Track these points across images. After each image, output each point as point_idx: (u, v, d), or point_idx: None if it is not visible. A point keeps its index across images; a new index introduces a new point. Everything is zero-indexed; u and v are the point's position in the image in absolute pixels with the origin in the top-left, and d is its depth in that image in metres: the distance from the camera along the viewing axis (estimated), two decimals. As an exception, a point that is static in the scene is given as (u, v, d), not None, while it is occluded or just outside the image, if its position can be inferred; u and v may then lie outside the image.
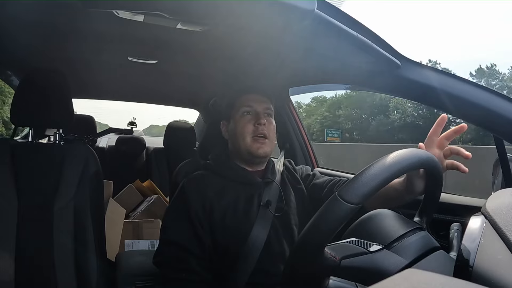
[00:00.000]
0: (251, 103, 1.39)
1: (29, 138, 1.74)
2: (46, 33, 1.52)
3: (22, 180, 1.53)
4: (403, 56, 1.18)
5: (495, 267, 0.60)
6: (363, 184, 0.74)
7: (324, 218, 0.74)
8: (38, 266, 1.49)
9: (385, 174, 0.75)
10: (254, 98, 1.40)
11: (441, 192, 0.97)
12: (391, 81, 1.23)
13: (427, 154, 0.86)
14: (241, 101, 1.40)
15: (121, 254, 1.78)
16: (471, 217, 0.72)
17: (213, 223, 1.30)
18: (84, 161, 1.61)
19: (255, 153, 1.36)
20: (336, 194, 0.74)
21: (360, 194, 0.72)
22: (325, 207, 0.75)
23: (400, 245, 0.79)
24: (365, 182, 0.74)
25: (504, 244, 0.62)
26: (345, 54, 1.26)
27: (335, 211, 0.73)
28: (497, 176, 1.17)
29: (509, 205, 0.69)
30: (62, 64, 1.88)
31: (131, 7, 1.12)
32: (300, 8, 0.98)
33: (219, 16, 1.14)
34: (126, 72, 2.23)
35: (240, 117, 1.38)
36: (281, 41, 1.35)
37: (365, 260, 0.76)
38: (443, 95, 1.11)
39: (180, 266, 1.26)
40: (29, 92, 1.57)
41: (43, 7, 1.21)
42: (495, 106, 1.04)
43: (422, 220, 0.95)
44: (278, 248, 1.31)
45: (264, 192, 1.37)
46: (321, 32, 1.11)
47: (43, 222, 1.51)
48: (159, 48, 1.70)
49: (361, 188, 0.73)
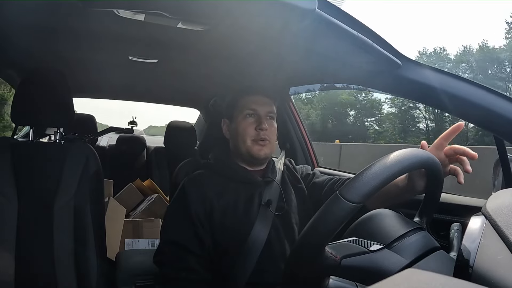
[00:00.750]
0: (254, 106, 1.38)
1: (30, 137, 1.74)
2: (46, 32, 1.52)
3: (22, 179, 1.53)
4: (403, 55, 1.18)
5: (495, 268, 0.60)
6: (364, 183, 0.74)
7: (325, 216, 0.74)
8: (38, 265, 1.49)
9: (386, 174, 0.75)
10: (258, 101, 1.39)
11: (441, 192, 0.97)
12: (392, 81, 1.23)
13: (427, 154, 0.86)
14: (245, 103, 1.39)
15: (121, 253, 1.79)
16: (471, 217, 0.72)
17: (213, 223, 1.30)
18: (84, 160, 1.62)
19: (256, 156, 1.36)
20: (337, 193, 0.74)
21: (361, 193, 0.73)
22: (326, 205, 0.75)
23: (400, 244, 0.79)
24: (366, 181, 0.74)
25: (504, 244, 0.62)
26: (346, 54, 1.26)
27: (336, 210, 0.73)
28: (497, 176, 1.17)
29: (509, 206, 0.69)
30: (63, 63, 1.89)
31: (132, 6, 1.12)
32: (301, 8, 0.98)
33: (219, 15, 1.14)
34: (126, 71, 2.23)
35: (243, 119, 1.38)
36: (282, 41, 1.34)
37: (365, 260, 0.77)
38: (444, 95, 1.11)
39: (180, 265, 1.26)
40: (30, 91, 1.57)
41: (44, 6, 1.21)
42: (495, 106, 1.04)
43: (422, 220, 0.95)
44: (278, 247, 1.31)
45: (265, 191, 1.37)
46: (321, 32, 1.11)
47: (43, 221, 1.52)
48: (160, 47, 1.69)
49: (362, 187, 0.73)
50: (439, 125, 26.73)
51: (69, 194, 1.56)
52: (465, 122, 1.18)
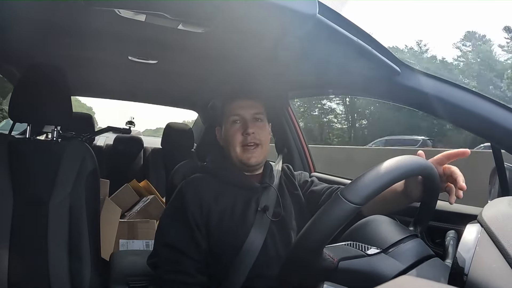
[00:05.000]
0: (238, 110, 1.37)
1: (27, 134, 1.73)
2: (47, 30, 1.51)
3: (19, 176, 1.53)
4: (403, 62, 1.18)
5: (489, 276, 0.60)
6: (366, 185, 0.75)
7: (326, 216, 0.75)
8: (31, 261, 1.49)
9: (387, 177, 0.77)
10: (241, 105, 1.38)
11: (437, 201, 0.97)
12: (391, 88, 1.24)
13: (428, 163, 0.89)
14: (230, 109, 1.39)
15: (115, 254, 1.78)
16: (467, 225, 0.72)
17: (210, 227, 1.29)
18: (81, 159, 1.61)
19: (246, 163, 1.36)
20: (339, 193, 0.75)
21: (362, 194, 0.74)
22: (327, 206, 0.76)
23: (397, 250, 0.80)
24: (367, 183, 0.75)
25: (499, 252, 0.63)
26: (345, 60, 1.26)
27: (337, 210, 0.74)
28: (493, 184, 1.17)
29: (505, 214, 0.69)
30: (62, 61, 1.88)
31: (134, 6, 1.12)
32: (302, 13, 0.98)
33: (220, 18, 1.14)
34: (126, 71, 2.22)
35: (230, 126, 1.38)
36: (282, 45, 1.34)
37: (363, 263, 0.77)
38: (442, 103, 1.12)
39: (175, 268, 1.26)
40: (29, 88, 1.56)
41: (45, 4, 1.21)
42: (493, 115, 1.05)
43: (416, 228, 0.96)
44: (274, 253, 1.30)
45: (262, 196, 1.36)
46: (321, 37, 1.12)
47: (38, 218, 1.51)
48: (160, 48, 1.69)
49: (363, 189, 0.75)
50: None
51: (65, 192, 1.56)
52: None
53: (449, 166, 1.01)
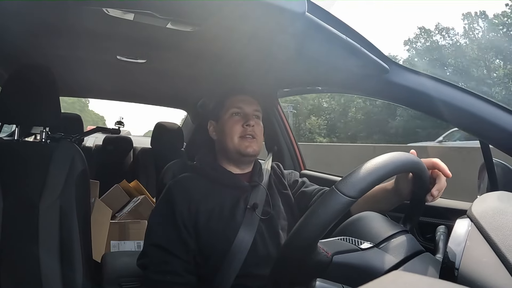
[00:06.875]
0: (241, 104, 1.40)
1: (15, 136, 1.71)
2: (34, 29, 1.49)
3: (8, 178, 1.51)
4: (391, 60, 1.19)
5: (480, 270, 0.61)
6: (361, 178, 0.76)
7: (321, 209, 0.75)
8: (22, 264, 1.47)
9: (381, 171, 0.78)
10: (244, 100, 1.41)
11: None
12: (379, 86, 1.24)
13: (419, 160, 0.91)
14: (231, 102, 1.41)
15: (107, 255, 1.77)
16: (457, 220, 0.73)
17: (198, 226, 1.29)
18: (70, 160, 1.59)
19: (244, 152, 1.35)
20: (334, 186, 0.76)
21: (357, 187, 0.75)
22: (322, 199, 0.76)
23: (388, 244, 0.81)
24: (362, 177, 0.76)
25: (489, 246, 0.63)
26: (334, 58, 1.27)
27: (332, 203, 0.74)
28: (482, 180, 1.19)
29: (494, 209, 0.70)
30: (50, 61, 1.86)
31: (122, 5, 1.12)
32: (290, 11, 0.98)
33: (209, 16, 1.14)
34: (114, 70, 2.21)
35: (229, 117, 1.39)
36: (271, 43, 1.35)
37: (356, 257, 0.78)
38: (430, 100, 1.13)
39: (164, 268, 1.25)
40: (16, 88, 1.54)
41: (33, 3, 1.20)
42: (481, 112, 1.06)
43: (406, 224, 0.97)
44: (263, 251, 1.30)
45: (251, 195, 1.36)
46: (311, 35, 1.12)
47: (28, 221, 1.49)
48: (148, 47, 1.68)
49: (358, 182, 0.76)
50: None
51: (55, 194, 1.54)
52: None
53: (433, 159, 1.01)
